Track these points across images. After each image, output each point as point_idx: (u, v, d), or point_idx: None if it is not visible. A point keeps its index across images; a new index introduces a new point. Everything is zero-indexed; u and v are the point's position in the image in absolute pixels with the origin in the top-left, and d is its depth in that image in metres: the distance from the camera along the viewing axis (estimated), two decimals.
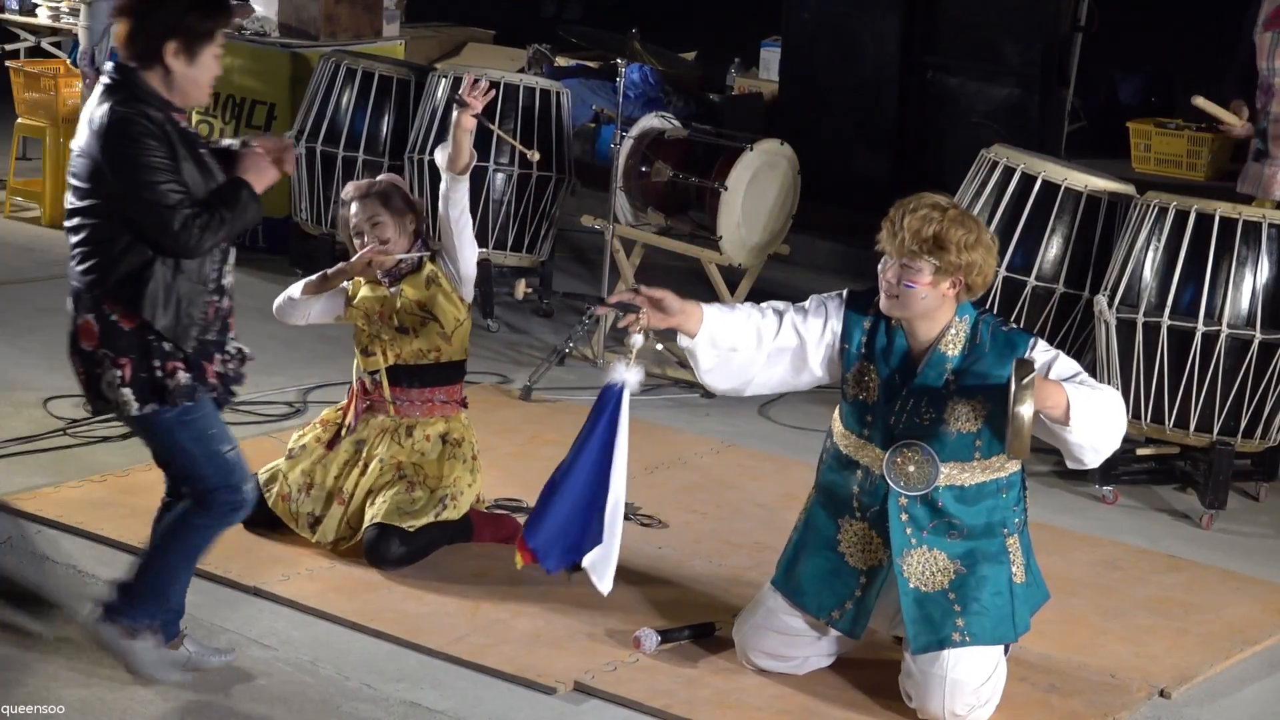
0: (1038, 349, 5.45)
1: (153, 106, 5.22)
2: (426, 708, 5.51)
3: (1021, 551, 5.60)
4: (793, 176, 9.04)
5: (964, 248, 5.34)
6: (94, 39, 10.28)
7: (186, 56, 5.23)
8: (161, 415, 5.32)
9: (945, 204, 5.41)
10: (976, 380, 5.42)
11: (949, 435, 5.45)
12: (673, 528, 6.96)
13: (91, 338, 5.35)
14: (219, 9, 5.29)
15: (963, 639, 5.45)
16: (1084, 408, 5.29)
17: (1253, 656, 6.26)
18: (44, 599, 6.10)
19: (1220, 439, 7.47)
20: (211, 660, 5.68)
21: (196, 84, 5.29)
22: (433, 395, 6.59)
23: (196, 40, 5.23)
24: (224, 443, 5.42)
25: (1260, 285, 7.40)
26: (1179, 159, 10.62)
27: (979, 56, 10.98)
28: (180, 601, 5.58)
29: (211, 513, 5.43)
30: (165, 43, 5.21)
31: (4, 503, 6.77)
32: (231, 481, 5.41)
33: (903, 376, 5.50)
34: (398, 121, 9.77)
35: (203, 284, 5.32)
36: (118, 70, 5.29)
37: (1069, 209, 7.93)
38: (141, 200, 5.15)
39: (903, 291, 5.39)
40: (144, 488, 6.96)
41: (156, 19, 5.21)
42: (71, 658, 5.68)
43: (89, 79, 10.26)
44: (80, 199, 5.29)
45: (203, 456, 5.37)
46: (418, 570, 6.38)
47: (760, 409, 8.51)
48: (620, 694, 5.64)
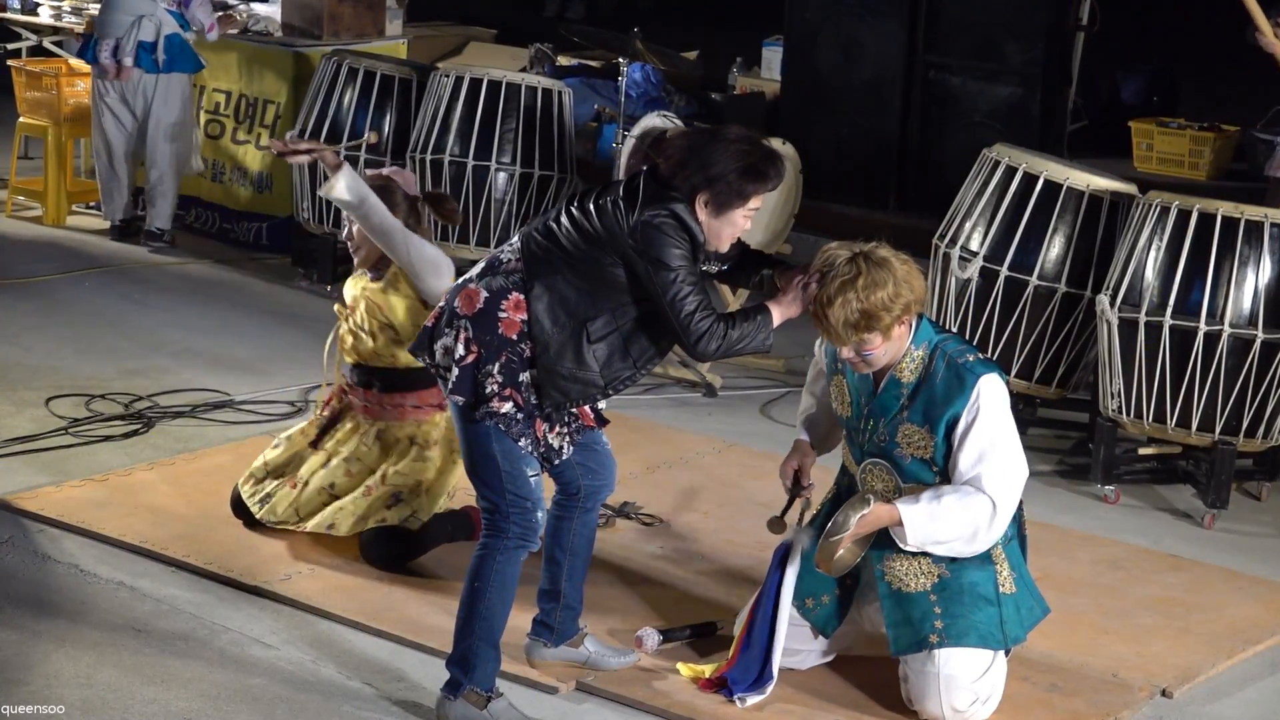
0: (982, 393, 5.40)
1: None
2: (428, 708, 5.51)
3: (1009, 564, 5.60)
4: (795, 176, 9.02)
5: (890, 302, 5.35)
6: (116, 30, 10.25)
7: (715, 210, 5.28)
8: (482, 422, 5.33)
9: (848, 270, 5.36)
10: (923, 408, 5.46)
11: (904, 459, 5.51)
12: (674, 527, 6.95)
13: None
14: (764, 178, 5.28)
15: (940, 640, 5.46)
16: (920, 523, 5.40)
17: (1255, 656, 6.25)
18: (46, 598, 6.10)
19: (1222, 439, 7.46)
20: (611, 661, 5.71)
21: (718, 236, 5.34)
22: (403, 400, 6.49)
23: (729, 198, 5.26)
24: (531, 467, 5.37)
25: (1262, 285, 7.39)
26: (1181, 158, 10.61)
27: (981, 56, 10.95)
28: (576, 598, 5.69)
29: (506, 535, 5.38)
30: (699, 193, 5.25)
31: (6, 502, 6.77)
32: (527, 505, 5.37)
33: (866, 397, 5.57)
34: (400, 120, 9.75)
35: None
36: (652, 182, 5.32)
37: (1071, 209, 7.92)
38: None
39: (865, 359, 5.45)
40: (144, 487, 6.97)
41: (707, 167, 5.24)
42: (73, 658, 5.68)
43: (110, 73, 10.25)
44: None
45: (507, 470, 5.34)
46: (419, 570, 6.38)
47: (762, 408, 8.50)
48: (622, 694, 5.64)
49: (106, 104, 10.36)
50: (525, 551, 5.43)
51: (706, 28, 16.15)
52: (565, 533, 5.67)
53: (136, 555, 6.43)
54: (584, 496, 5.65)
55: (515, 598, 5.43)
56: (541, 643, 5.71)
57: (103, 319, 9.20)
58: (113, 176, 10.52)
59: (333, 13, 10.82)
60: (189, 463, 7.25)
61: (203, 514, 6.75)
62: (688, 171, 5.23)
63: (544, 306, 5.29)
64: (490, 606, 5.37)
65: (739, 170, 5.23)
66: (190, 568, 6.34)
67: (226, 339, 8.86)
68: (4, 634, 5.81)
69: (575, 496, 5.64)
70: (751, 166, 5.25)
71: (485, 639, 5.37)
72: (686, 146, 5.28)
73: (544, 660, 5.72)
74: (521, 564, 5.43)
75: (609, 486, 5.72)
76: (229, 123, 10.76)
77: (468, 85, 9.47)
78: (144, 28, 10.22)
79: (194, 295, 9.72)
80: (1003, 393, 5.47)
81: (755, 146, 5.29)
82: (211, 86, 10.76)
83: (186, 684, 5.57)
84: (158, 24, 10.23)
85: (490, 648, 5.39)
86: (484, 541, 5.40)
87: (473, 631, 5.37)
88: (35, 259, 10.24)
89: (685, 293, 5.21)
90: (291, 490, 6.51)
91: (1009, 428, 5.47)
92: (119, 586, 6.20)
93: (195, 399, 8.01)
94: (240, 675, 5.65)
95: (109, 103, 10.36)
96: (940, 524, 5.40)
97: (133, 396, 8.00)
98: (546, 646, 5.71)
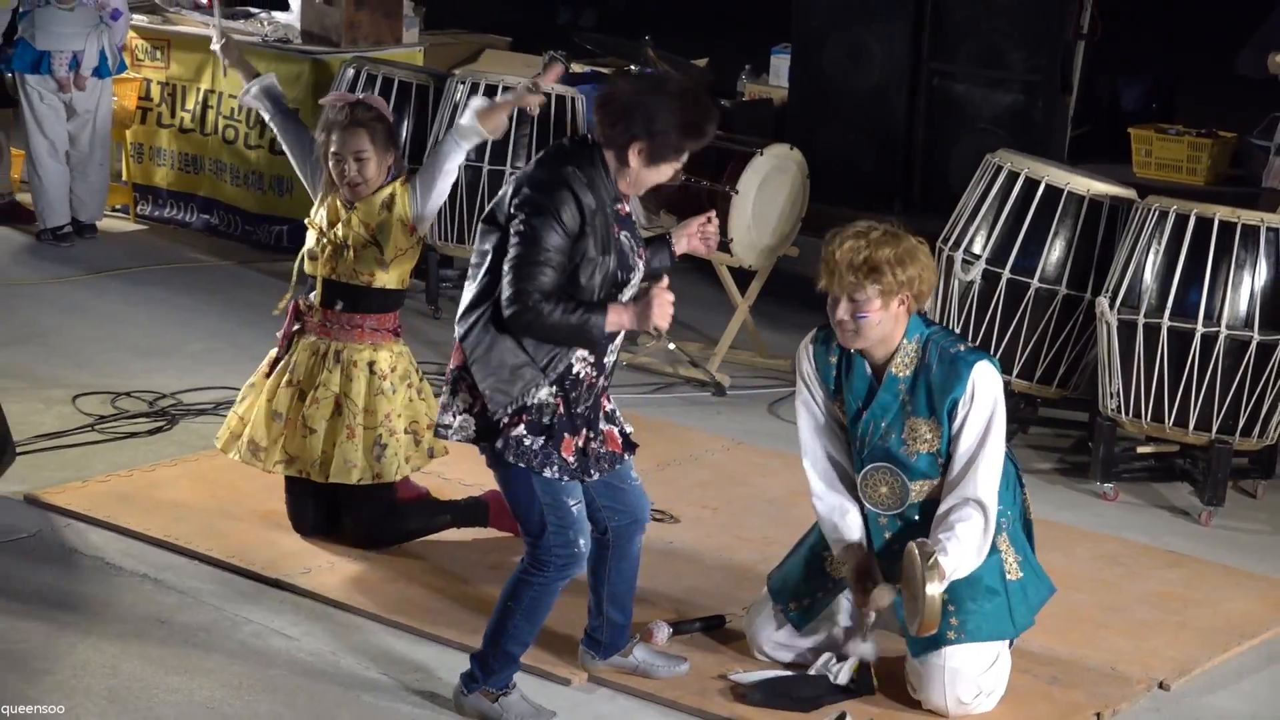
0: (976, 381, 5.40)
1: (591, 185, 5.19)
2: (444, 698, 5.52)
3: (1014, 549, 5.61)
4: (802, 180, 9.03)
5: (897, 264, 5.34)
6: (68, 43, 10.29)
7: (647, 160, 5.22)
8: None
9: (866, 228, 5.39)
10: (925, 398, 5.44)
11: (911, 456, 5.49)
12: (684, 523, 6.96)
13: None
14: (699, 134, 5.23)
15: (958, 637, 5.47)
16: (956, 566, 5.38)
17: (1250, 650, 6.25)
18: (73, 590, 6.12)
19: (1219, 437, 7.46)
20: (660, 670, 5.67)
21: (642, 184, 5.28)
22: (362, 322, 6.43)
23: (665, 153, 5.21)
24: (571, 496, 5.32)
25: (1258, 287, 7.39)
26: (1179, 164, 10.61)
27: (985, 64, 10.96)
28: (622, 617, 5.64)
29: (547, 569, 5.32)
30: (636, 141, 5.18)
31: (34, 496, 6.79)
32: (568, 537, 5.30)
33: (865, 401, 5.53)
34: (417, 126, 9.77)
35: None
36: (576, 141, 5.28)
37: (1072, 212, 7.92)
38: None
39: (858, 324, 5.39)
40: (168, 482, 6.99)
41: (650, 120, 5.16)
42: (99, 648, 5.70)
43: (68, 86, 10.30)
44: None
45: (548, 504, 5.28)
46: (434, 563, 6.39)
47: (769, 407, 8.51)
48: (633, 685, 5.65)
49: (47, 107, 10.41)
50: (566, 579, 5.37)
51: (716, 35, 16.14)
52: (602, 573, 5.61)
53: (160, 549, 6.45)
54: (614, 538, 5.57)
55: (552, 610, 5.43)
56: (591, 654, 5.71)
57: (128, 319, 9.22)
58: (63, 179, 10.58)
59: (351, 21, 10.83)
60: (211, 459, 7.26)
61: (224, 509, 6.77)
62: (629, 121, 5.16)
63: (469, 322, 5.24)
64: (518, 627, 5.36)
65: (679, 126, 5.17)
66: (212, 561, 6.36)
67: (248, 338, 8.88)
68: (32, 625, 5.83)
69: (605, 537, 5.56)
70: (691, 124, 5.19)
71: (506, 653, 5.39)
72: (632, 95, 5.18)
73: (596, 668, 5.71)
74: (559, 591, 5.38)
75: (640, 523, 5.63)
76: (242, 128, 10.78)
77: (483, 92, 9.47)
78: (100, 39, 10.35)
79: (216, 296, 9.74)
80: (996, 380, 5.46)
81: (698, 103, 5.23)
82: (227, 93, 10.79)
83: (209, 674, 5.59)
84: (104, 33, 10.39)
85: (511, 660, 5.40)
86: (525, 568, 5.35)
87: (498, 644, 5.37)
88: (62, 259, 10.26)
89: (534, 258, 5.10)
90: (279, 431, 6.43)
91: (1001, 416, 5.46)
92: (143, 579, 6.22)
93: (218, 396, 8.03)
94: (261, 665, 5.67)
95: (50, 105, 10.41)
96: (962, 561, 5.40)
97: (157, 394, 8.02)
98: (594, 659, 5.71)
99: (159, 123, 11.14)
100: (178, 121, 11.05)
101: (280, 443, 6.44)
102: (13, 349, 8.55)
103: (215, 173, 10.92)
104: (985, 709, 5.56)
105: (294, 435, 6.43)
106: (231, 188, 10.88)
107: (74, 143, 10.52)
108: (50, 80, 10.28)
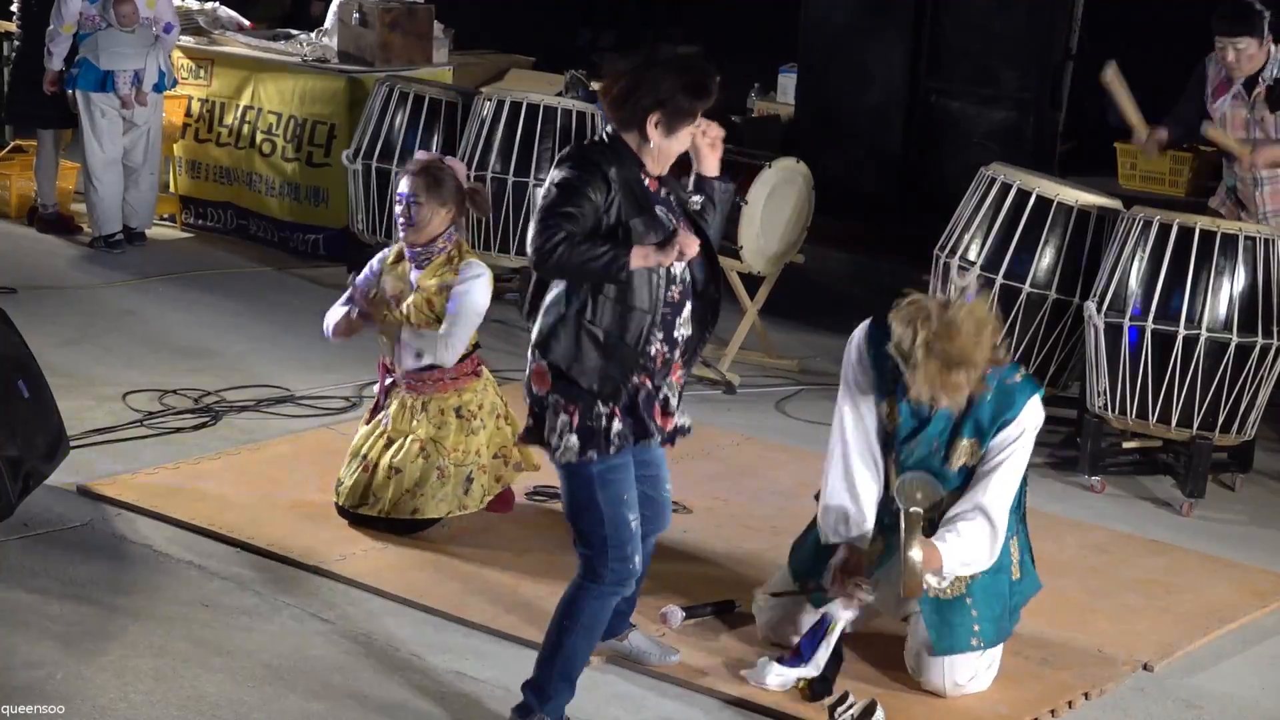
0: (1025, 415, 5.37)
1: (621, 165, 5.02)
2: (471, 677, 5.52)
3: (1019, 549, 5.63)
4: (808, 191, 9.02)
5: (973, 367, 5.23)
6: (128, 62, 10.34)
7: (665, 130, 5.03)
8: (589, 467, 5.03)
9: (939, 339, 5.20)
10: (974, 423, 5.41)
11: (951, 470, 5.48)
12: (696, 513, 6.95)
13: (544, 382, 5.05)
14: (706, 92, 5.05)
15: (979, 644, 5.49)
16: (954, 556, 5.36)
17: (1229, 634, 6.24)
18: (123, 576, 6.12)
19: (1199, 433, 7.44)
20: (651, 658, 5.60)
21: (669, 156, 5.10)
22: (442, 375, 6.49)
23: (679, 117, 5.04)
24: (631, 510, 5.11)
25: (1236, 292, 7.37)
26: (1162, 176, 10.54)
27: (979, 82, 10.95)
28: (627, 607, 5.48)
29: (603, 583, 5.09)
30: (650, 114, 5.00)
31: (87, 488, 6.80)
32: (625, 552, 5.08)
33: (919, 418, 5.46)
34: (446, 140, 9.77)
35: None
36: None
37: (1061, 222, 7.91)
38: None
39: (955, 401, 5.33)
40: (213, 474, 7.00)
41: (656, 90, 5.00)
42: (148, 630, 5.70)
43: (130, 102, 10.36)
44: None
45: (609, 517, 5.06)
46: (463, 551, 6.39)
47: (777, 405, 8.50)
48: (648, 666, 5.64)
49: (108, 123, 10.44)
50: (618, 596, 5.16)
51: (728, 55, 16.14)
52: None
53: (205, 537, 6.45)
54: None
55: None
56: None
57: (175, 321, 9.23)
58: (118, 191, 10.60)
59: (385, 42, 10.84)
60: (253, 453, 7.27)
61: (265, 499, 6.77)
62: (637, 96, 5.01)
63: (548, 322, 5.03)
64: (575, 646, 5.11)
65: (685, 88, 5.00)
66: (254, 549, 6.36)
67: (288, 339, 8.89)
68: (86, 608, 5.83)
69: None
70: (696, 83, 5.02)
71: (564, 675, 5.13)
72: (631, 75, 5.05)
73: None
74: (612, 607, 5.19)
75: (658, 530, 5.45)
76: (280, 141, 10.79)
77: (508, 108, 9.49)
78: (157, 57, 10.43)
79: (258, 300, 9.75)
80: (1040, 415, 5.45)
81: (694, 63, 5.07)
82: (267, 109, 10.80)
83: (250, 654, 5.59)
84: (159, 51, 10.45)
85: (567, 683, 5.14)
86: (579, 583, 5.11)
87: (553, 666, 5.11)
88: (117, 264, 10.28)
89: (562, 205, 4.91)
90: (364, 474, 6.54)
91: (1029, 445, 5.45)
92: (189, 566, 6.23)
93: (259, 394, 8.04)
94: (300, 647, 5.67)
95: (111, 121, 10.44)
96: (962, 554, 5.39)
97: (202, 392, 8.03)
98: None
99: (196, 138, 11.17)
100: (214, 136, 11.08)
101: (352, 482, 6.53)
102: (68, 349, 8.56)
103: (253, 184, 10.93)
104: (980, 688, 5.56)
105: (375, 478, 6.50)
106: (268, 198, 10.88)
107: (128, 154, 10.56)
108: (114, 98, 10.33)
